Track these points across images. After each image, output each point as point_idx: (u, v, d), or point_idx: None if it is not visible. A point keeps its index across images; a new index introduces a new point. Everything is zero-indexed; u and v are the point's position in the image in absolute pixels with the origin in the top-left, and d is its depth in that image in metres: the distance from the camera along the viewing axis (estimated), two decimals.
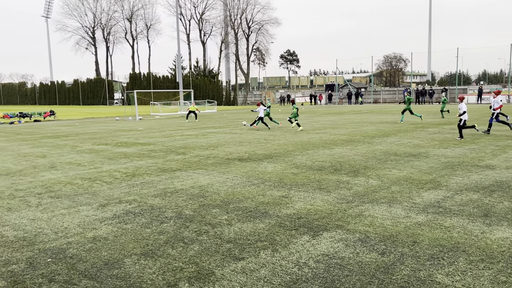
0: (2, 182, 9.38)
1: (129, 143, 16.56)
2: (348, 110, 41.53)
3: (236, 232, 5.67)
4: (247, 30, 78.56)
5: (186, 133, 20.14)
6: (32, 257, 4.95)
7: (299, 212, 6.50)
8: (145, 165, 11.18)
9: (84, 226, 6.06)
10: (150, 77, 73.13)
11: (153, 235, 5.63)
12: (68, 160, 12.43)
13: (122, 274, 4.42)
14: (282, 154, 12.50)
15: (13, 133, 22.53)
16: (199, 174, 9.75)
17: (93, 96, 77.71)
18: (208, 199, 7.49)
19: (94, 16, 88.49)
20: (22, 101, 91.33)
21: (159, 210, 6.82)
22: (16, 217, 6.62)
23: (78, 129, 24.24)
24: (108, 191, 8.25)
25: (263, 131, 20.21)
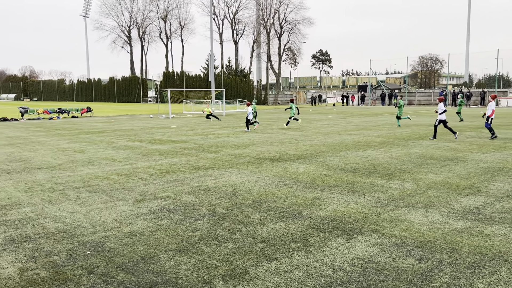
0: (43, 175, 9.76)
1: (162, 140, 16.88)
2: (381, 111, 40.69)
3: (269, 232, 5.66)
4: (279, 30, 78.52)
5: (218, 132, 20.32)
6: (72, 249, 5.13)
7: (333, 215, 6.42)
8: (179, 163, 11.36)
9: (120, 221, 6.22)
10: (183, 76, 74.27)
11: (188, 232, 5.71)
12: (104, 155, 12.80)
13: (158, 269, 4.50)
14: (314, 155, 12.40)
15: (52, 128, 23.43)
16: (231, 173, 9.82)
17: (128, 93, 79.70)
18: (241, 198, 7.52)
19: (130, 15, 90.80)
20: (61, 97, 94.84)
21: (193, 207, 6.91)
22: (57, 209, 6.87)
23: (114, 126, 24.93)
24: (143, 187, 8.43)
25: (294, 131, 20.12)
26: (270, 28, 77.81)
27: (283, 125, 22.94)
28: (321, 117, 32.05)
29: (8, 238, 5.53)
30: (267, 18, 77.93)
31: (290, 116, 22.37)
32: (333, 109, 46.81)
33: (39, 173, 10.04)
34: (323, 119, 28.92)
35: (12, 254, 4.97)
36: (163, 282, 4.21)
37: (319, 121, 26.85)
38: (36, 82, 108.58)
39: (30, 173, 10.05)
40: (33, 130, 22.34)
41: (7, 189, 8.36)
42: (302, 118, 30.88)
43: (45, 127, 24.38)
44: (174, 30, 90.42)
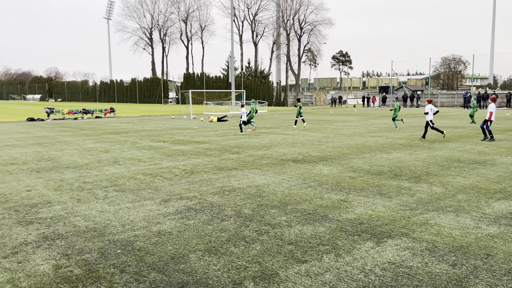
0: (71, 174, 9.97)
1: (185, 141, 17.03)
2: (404, 113, 40.05)
3: (296, 234, 5.63)
4: (299, 31, 78.17)
5: (239, 133, 20.36)
6: (103, 247, 5.21)
7: (360, 218, 6.35)
8: (202, 163, 11.43)
9: (149, 220, 6.30)
10: (203, 77, 74.84)
11: (215, 232, 5.74)
12: (129, 155, 12.99)
13: (188, 269, 4.53)
14: (338, 157, 12.29)
15: (77, 128, 23.93)
16: (254, 174, 9.82)
17: (149, 94, 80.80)
18: (266, 199, 7.51)
19: (152, 17, 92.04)
20: (84, 98, 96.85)
21: (219, 208, 6.94)
22: (86, 208, 7.00)
23: (137, 126, 25.29)
24: (169, 187, 8.52)
25: (315, 132, 19.99)
26: (290, 29, 77.56)
27: (302, 123, 24.31)
28: (342, 118, 31.78)
29: (41, 235, 5.66)
30: (287, 19, 77.73)
31: (296, 116, 23.77)
32: (354, 111, 46.35)
33: (67, 172, 10.26)
34: (345, 121, 28.66)
35: (45, 251, 5.09)
36: (194, 282, 4.23)
37: (340, 123, 26.62)
38: (60, 83, 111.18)
39: (58, 172, 10.28)
40: (59, 130, 22.86)
41: (37, 187, 8.57)
42: (323, 119, 30.69)
43: (70, 127, 24.92)
44: (195, 31, 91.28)
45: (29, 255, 4.95)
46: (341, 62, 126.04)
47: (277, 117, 35.35)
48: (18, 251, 5.07)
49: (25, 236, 5.61)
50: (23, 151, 14.07)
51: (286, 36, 78.28)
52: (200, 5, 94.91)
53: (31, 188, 8.46)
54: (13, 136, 19.40)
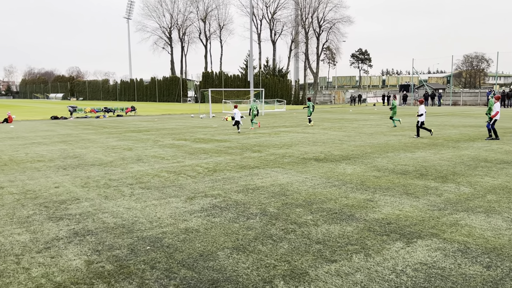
0: (97, 172, 10.14)
1: (206, 139, 17.12)
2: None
3: (323, 233, 5.59)
4: (318, 29, 77.61)
5: (259, 132, 20.37)
6: (133, 244, 5.28)
7: (388, 217, 6.26)
8: (224, 161, 11.47)
9: (175, 217, 6.35)
10: (221, 76, 75.13)
11: (242, 230, 5.74)
12: (152, 153, 13.13)
13: (218, 267, 4.55)
14: (360, 156, 12.16)
15: (100, 127, 24.34)
16: (277, 173, 9.80)
17: (168, 93, 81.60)
18: (290, 198, 7.48)
19: (171, 16, 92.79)
20: (105, 97, 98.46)
21: (244, 206, 6.95)
22: (113, 205, 7.11)
23: (158, 125, 25.56)
24: (193, 185, 8.57)
25: (336, 131, 19.83)
26: (309, 28, 77.11)
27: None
28: (362, 117, 31.44)
29: (71, 231, 5.77)
30: (306, 17, 77.29)
31: (308, 115, 23.74)
32: (374, 109, 45.81)
33: (93, 169, 10.44)
34: (365, 119, 28.35)
35: (77, 247, 5.18)
36: (224, 279, 4.25)
37: (361, 121, 26.34)
38: (82, 82, 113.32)
39: (84, 169, 10.47)
40: (82, 128, 23.29)
41: (65, 184, 8.75)
42: (343, 118, 30.43)
43: (93, 125, 25.36)
44: (213, 30, 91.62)
45: (61, 251, 5.05)
46: (360, 60, 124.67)
47: (296, 115, 35.20)
48: (50, 246, 5.18)
49: (56, 232, 5.72)
50: (49, 149, 14.39)
51: (304, 35, 77.88)
52: (218, 4, 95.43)
53: (59, 185, 8.64)
54: (39, 134, 19.86)
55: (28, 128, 23.90)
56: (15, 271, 4.46)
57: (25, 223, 6.13)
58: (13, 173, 9.95)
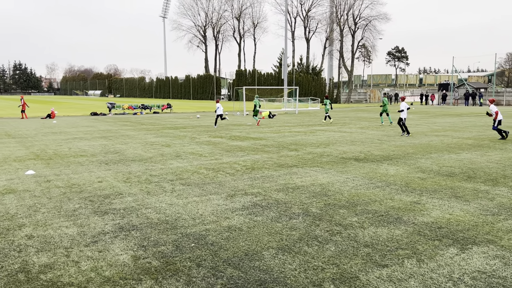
0: (138, 167, 10.30)
1: (241, 137, 17.12)
2: (466, 111, 37.91)
3: (371, 236, 5.39)
4: (353, 27, 76.21)
5: (294, 130, 20.18)
6: (177, 240, 5.27)
7: (438, 221, 5.97)
8: (261, 159, 11.39)
9: (217, 215, 6.32)
10: (255, 74, 75.18)
11: (285, 230, 5.63)
12: (190, 150, 13.24)
13: (264, 267, 4.46)
14: (402, 156, 11.77)
15: (137, 123, 24.86)
16: (316, 172, 9.62)
17: (202, 91, 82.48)
18: (332, 198, 7.30)
19: (206, 15, 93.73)
20: (141, 94, 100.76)
21: (285, 205, 6.83)
22: (156, 200, 7.17)
23: (193, 122, 25.84)
24: (233, 182, 8.54)
25: (374, 130, 19.34)
26: (344, 25, 75.83)
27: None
28: None
29: (116, 226, 5.84)
30: (341, 14, 76.04)
31: (326, 112, 25.49)
32: (412, 109, 44.48)
33: (133, 165, 10.62)
34: None
35: (123, 241, 5.23)
36: (272, 280, 4.15)
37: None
38: (119, 80, 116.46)
39: (125, 164, 10.66)
40: (121, 124, 23.87)
41: (108, 179, 8.92)
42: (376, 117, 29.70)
43: (131, 122, 25.94)
44: (247, 29, 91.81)
45: (108, 245, 5.11)
46: (396, 58, 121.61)
47: (331, 114, 34.68)
48: (97, 240, 5.26)
49: (102, 226, 5.81)
50: (91, 144, 14.79)
51: (339, 32, 76.67)
52: (253, 2, 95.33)
53: (102, 180, 8.82)
54: (80, 130, 20.50)
55: (69, 123, 24.74)
56: (65, 264, 4.54)
57: (72, 216, 6.27)
58: (58, 167, 10.27)
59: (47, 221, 6.02)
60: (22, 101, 29.54)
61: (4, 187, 8.16)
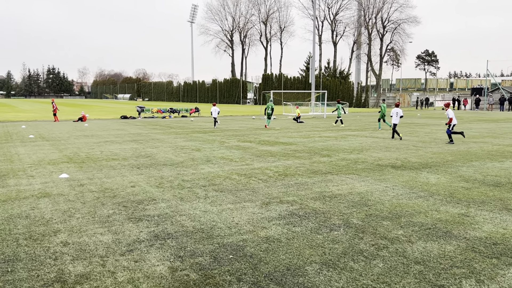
0: (169, 172, 10.19)
1: (271, 141, 16.86)
2: (503, 117, 36.41)
3: (421, 251, 5.02)
4: (381, 30, 74.93)
5: (324, 135, 19.77)
6: (214, 251, 5.05)
7: (492, 236, 5.53)
8: (293, 165, 11.09)
9: (253, 224, 6.07)
10: (281, 78, 74.92)
11: (327, 243, 5.32)
12: (220, 155, 13.08)
13: (309, 284, 4.17)
14: (442, 164, 11.22)
15: (166, 127, 24.99)
16: (353, 180, 9.24)
17: (229, 95, 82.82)
18: (373, 208, 6.93)
19: (233, 19, 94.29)
20: (169, 98, 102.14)
21: (324, 215, 6.52)
22: (189, 207, 6.99)
23: (221, 126, 25.77)
24: (266, 189, 8.28)
25: (408, 136, 18.70)
26: (372, 28, 74.65)
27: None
28: (433, 122, 29.62)
29: (151, 233, 5.68)
30: (369, 18, 74.90)
31: (338, 116, 25.88)
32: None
33: (165, 169, 10.52)
34: (437, 124, 26.64)
35: (159, 251, 5.05)
36: None
37: (432, 126, 24.77)
38: (147, 84, 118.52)
39: (156, 169, 10.58)
40: (150, 128, 24.05)
41: (140, 183, 8.84)
42: (412, 122, 28.86)
43: (160, 125, 26.12)
44: (274, 33, 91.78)
45: (144, 254, 4.94)
46: (426, 62, 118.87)
47: (360, 119, 34.01)
48: (133, 249, 5.10)
49: (137, 234, 5.66)
50: (122, 147, 14.86)
51: (367, 36, 75.55)
52: (280, 6, 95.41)
53: (135, 184, 8.74)
54: (111, 133, 20.74)
55: (100, 126, 25.12)
56: (101, 274, 4.39)
57: (106, 222, 6.16)
58: (91, 171, 10.28)
59: (82, 227, 5.93)
60: (53, 105, 30.28)
61: (39, 190, 8.18)
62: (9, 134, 20.09)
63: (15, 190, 8.16)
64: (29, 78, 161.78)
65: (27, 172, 10.15)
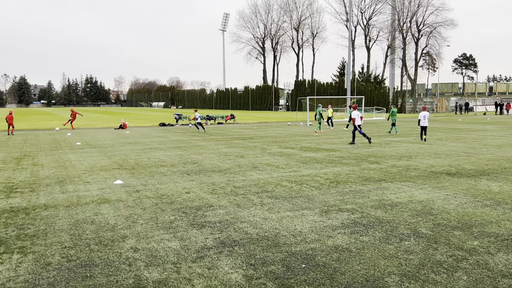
0: (219, 178, 10.21)
1: (313, 148, 16.66)
2: None
3: (504, 264, 4.73)
4: (416, 34, 73.21)
5: (366, 141, 19.35)
6: (285, 259, 4.96)
7: None
8: (343, 172, 10.87)
9: (318, 233, 5.94)
10: (314, 84, 74.48)
11: (401, 253, 5.12)
12: (264, 161, 13.02)
13: None
14: (499, 171, 10.71)
15: (206, 134, 25.23)
16: (410, 188, 8.94)
17: (261, 102, 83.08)
18: (439, 217, 6.65)
19: (265, 27, 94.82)
20: (202, 105, 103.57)
21: (389, 224, 6.30)
22: (248, 214, 6.93)
23: (259, 132, 25.79)
24: (321, 197, 8.13)
25: (454, 142, 18.03)
26: (407, 33, 73.05)
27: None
28: (477, 127, 28.51)
29: (217, 240, 5.65)
30: (403, 22, 73.40)
31: (349, 120, 26.34)
32: (486, 119, 41.50)
33: (214, 176, 10.56)
34: (482, 130, 25.61)
35: (229, 258, 5.01)
36: None
37: (478, 132, 23.82)
38: (181, 92, 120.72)
39: (206, 175, 10.63)
40: (190, 135, 24.35)
41: (194, 190, 8.88)
42: (455, 128, 27.91)
43: (199, 133, 26.42)
44: (306, 39, 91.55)
45: (215, 261, 4.91)
46: (464, 66, 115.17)
47: (399, 124, 33.16)
48: (203, 256, 5.08)
49: (203, 240, 5.65)
50: (167, 154, 15.08)
51: (402, 40, 74.03)
52: (312, 12, 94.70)
53: (189, 191, 8.79)
54: (153, 140, 21.13)
55: (141, 134, 25.67)
56: (178, 281, 4.38)
57: (170, 228, 6.19)
58: (143, 177, 10.45)
59: (148, 233, 5.98)
60: (73, 113, 31.25)
61: (98, 196, 8.36)
62: (57, 141, 20.85)
63: (75, 196, 8.39)
64: (68, 87, 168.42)
65: (83, 178, 10.43)
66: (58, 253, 5.21)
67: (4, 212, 7.22)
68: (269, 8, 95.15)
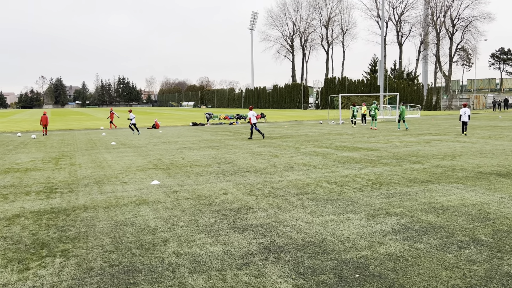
0: (255, 179, 9.96)
1: (348, 147, 16.17)
2: None
3: None
4: (451, 29, 70.70)
5: (404, 139, 18.67)
6: (336, 268, 4.64)
7: None
8: (385, 173, 10.40)
9: (367, 239, 5.57)
10: (344, 82, 73.24)
11: (462, 263, 4.70)
12: (300, 161, 12.68)
13: None
14: None
15: (237, 133, 25.10)
16: (460, 190, 8.40)
17: (290, 100, 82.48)
18: (498, 223, 6.14)
19: (294, 25, 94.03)
20: (231, 104, 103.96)
21: (444, 230, 5.86)
22: (290, 217, 6.64)
23: (290, 131, 25.41)
24: (365, 199, 7.73)
25: (497, 140, 17.08)
26: (440, 27, 70.68)
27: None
28: None
29: (261, 245, 5.39)
30: (437, 16, 71.06)
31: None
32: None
33: (250, 176, 10.32)
34: None
35: (276, 266, 4.73)
36: None
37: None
38: (210, 91, 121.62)
39: (242, 175, 10.41)
40: (222, 134, 24.27)
41: (231, 191, 8.67)
42: (497, 125, 26.62)
43: (230, 131, 26.32)
44: (336, 36, 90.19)
45: (262, 269, 4.64)
46: (502, 61, 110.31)
47: (437, 122, 31.99)
48: (248, 263, 4.83)
49: (247, 245, 5.40)
50: (201, 154, 14.98)
51: (435, 35, 71.75)
52: (342, 9, 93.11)
53: (226, 191, 8.59)
54: (186, 139, 21.16)
55: (174, 133, 25.81)
56: None
57: (211, 232, 5.98)
58: (179, 177, 10.34)
59: (189, 236, 5.79)
60: (112, 113, 31.85)
61: (136, 197, 8.28)
62: (93, 141, 21.21)
63: (113, 197, 8.34)
64: (102, 88, 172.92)
65: (120, 178, 10.42)
66: (100, 257, 5.09)
67: (45, 213, 7.23)
68: (298, 6, 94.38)
